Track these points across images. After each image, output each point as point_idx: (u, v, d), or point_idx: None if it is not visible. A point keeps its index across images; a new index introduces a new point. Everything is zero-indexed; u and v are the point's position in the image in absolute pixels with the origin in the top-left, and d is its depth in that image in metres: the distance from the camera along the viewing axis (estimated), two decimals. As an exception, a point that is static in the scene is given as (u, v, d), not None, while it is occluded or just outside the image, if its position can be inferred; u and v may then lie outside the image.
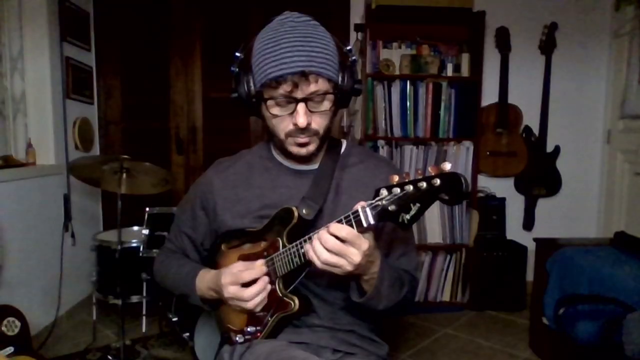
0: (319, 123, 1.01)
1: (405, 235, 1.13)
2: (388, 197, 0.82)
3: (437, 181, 0.77)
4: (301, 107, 0.96)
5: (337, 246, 0.87)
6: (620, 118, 2.99)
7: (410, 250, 1.15)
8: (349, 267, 0.88)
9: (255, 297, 0.99)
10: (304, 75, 0.93)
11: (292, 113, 0.97)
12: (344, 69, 1.02)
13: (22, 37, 2.56)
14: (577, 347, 1.83)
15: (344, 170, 1.12)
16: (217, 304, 1.14)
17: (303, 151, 1.03)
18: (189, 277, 1.13)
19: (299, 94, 0.95)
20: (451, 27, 2.90)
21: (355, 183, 1.10)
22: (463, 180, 0.76)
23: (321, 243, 0.88)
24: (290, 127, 0.99)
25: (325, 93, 0.98)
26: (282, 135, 1.02)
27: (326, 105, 1.00)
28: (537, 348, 2.36)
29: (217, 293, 1.06)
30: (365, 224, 0.85)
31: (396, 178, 0.83)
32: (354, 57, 1.05)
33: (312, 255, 0.90)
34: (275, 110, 0.99)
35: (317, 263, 0.89)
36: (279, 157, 1.14)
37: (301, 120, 0.96)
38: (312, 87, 0.95)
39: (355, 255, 0.87)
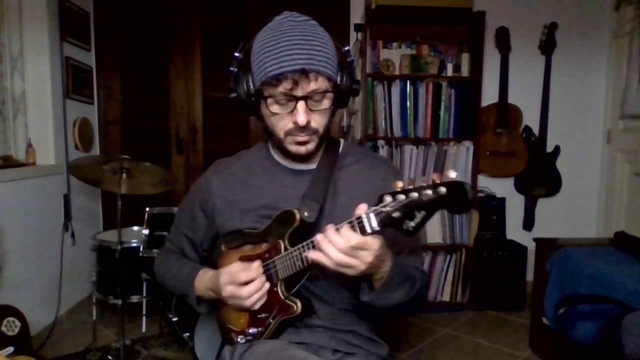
0: (318, 121, 1.01)
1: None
2: (392, 204, 0.81)
3: (443, 190, 0.76)
4: (301, 105, 0.96)
5: (348, 248, 0.85)
6: (620, 118, 2.99)
7: (418, 246, 1.14)
8: (362, 267, 0.87)
9: (252, 295, 0.99)
10: (304, 73, 0.93)
11: (292, 111, 0.97)
12: (342, 68, 1.02)
13: (22, 37, 2.56)
14: (577, 347, 1.83)
15: (342, 170, 1.12)
16: (215, 305, 1.14)
17: (302, 150, 1.03)
18: (188, 278, 1.13)
19: (299, 92, 0.95)
20: (451, 27, 2.91)
21: (353, 183, 1.10)
22: (468, 189, 0.75)
23: (333, 244, 0.86)
24: (290, 125, 0.99)
25: (325, 91, 0.98)
26: (281, 134, 1.02)
27: (326, 103, 1.00)
28: (537, 348, 2.36)
29: (216, 293, 1.06)
30: (369, 230, 0.84)
31: (400, 184, 0.82)
32: (352, 58, 1.06)
33: (322, 258, 0.88)
34: (275, 109, 0.99)
35: (329, 264, 0.87)
36: (278, 157, 1.14)
37: (301, 118, 0.96)
38: (312, 85, 0.95)
39: (367, 256, 0.86)
